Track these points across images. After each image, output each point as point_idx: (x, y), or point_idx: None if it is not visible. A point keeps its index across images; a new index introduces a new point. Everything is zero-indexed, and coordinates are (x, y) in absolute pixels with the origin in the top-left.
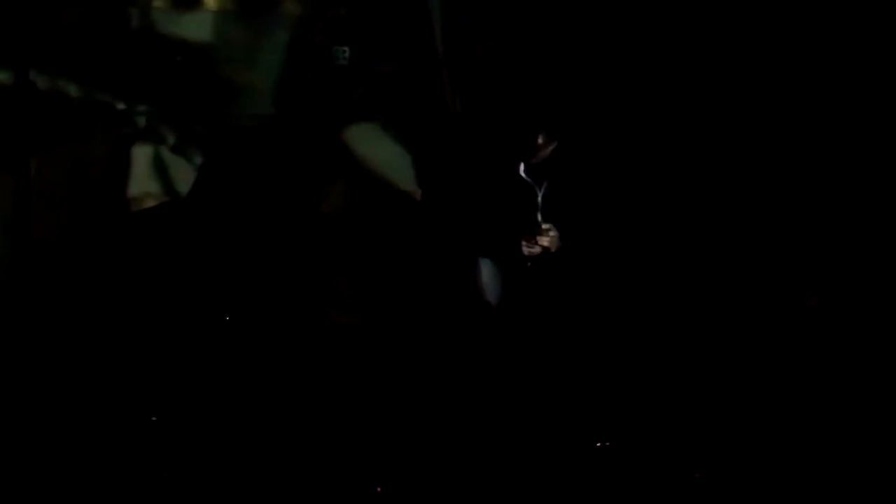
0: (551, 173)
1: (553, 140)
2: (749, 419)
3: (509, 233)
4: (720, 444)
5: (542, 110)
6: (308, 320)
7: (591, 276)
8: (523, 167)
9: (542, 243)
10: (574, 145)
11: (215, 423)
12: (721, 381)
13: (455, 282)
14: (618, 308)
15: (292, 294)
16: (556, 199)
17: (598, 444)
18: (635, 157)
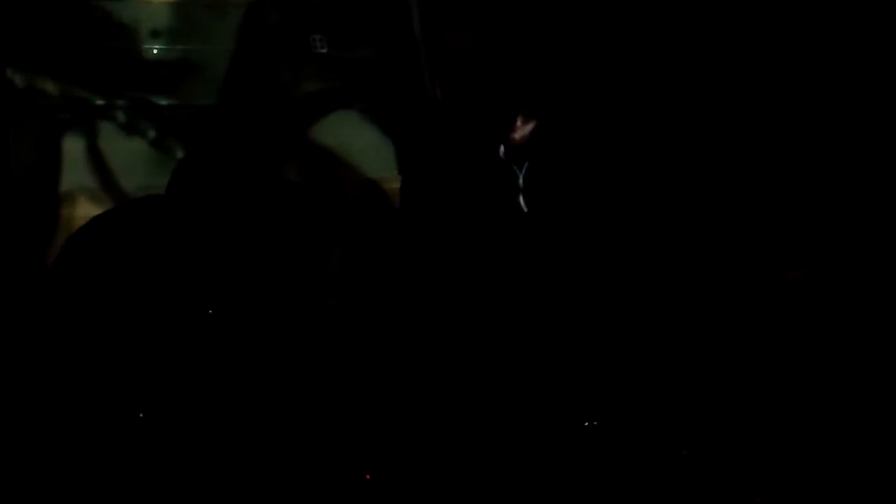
0: (531, 154)
1: (531, 121)
2: (736, 395)
3: (490, 215)
4: (707, 421)
5: (519, 92)
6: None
7: (574, 253)
8: (503, 149)
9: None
10: (553, 126)
11: (204, 416)
12: (707, 357)
13: (438, 267)
14: (601, 285)
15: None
16: (538, 180)
17: (586, 424)
18: (616, 134)
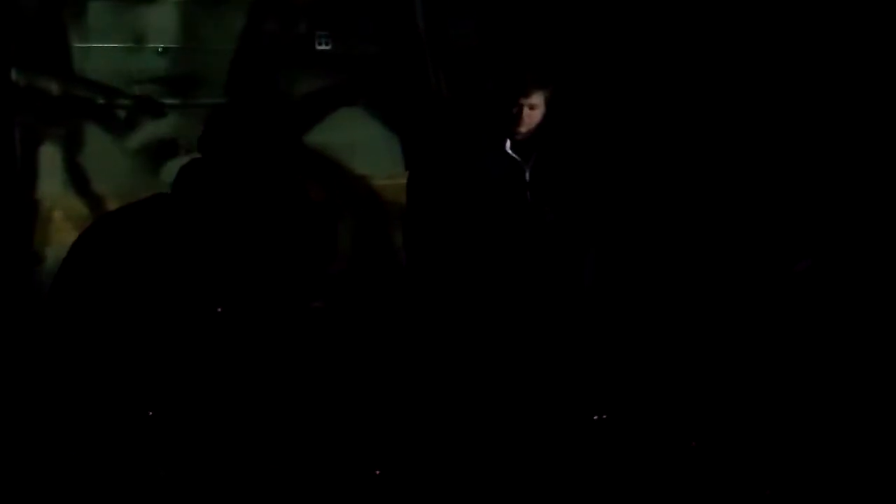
0: (538, 148)
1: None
2: (744, 387)
3: (497, 209)
4: (716, 413)
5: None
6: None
7: (581, 249)
8: (509, 143)
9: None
10: (559, 119)
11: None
12: (715, 349)
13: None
14: (609, 279)
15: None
16: (545, 174)
17: (595, 417)
18: (621, 127)
